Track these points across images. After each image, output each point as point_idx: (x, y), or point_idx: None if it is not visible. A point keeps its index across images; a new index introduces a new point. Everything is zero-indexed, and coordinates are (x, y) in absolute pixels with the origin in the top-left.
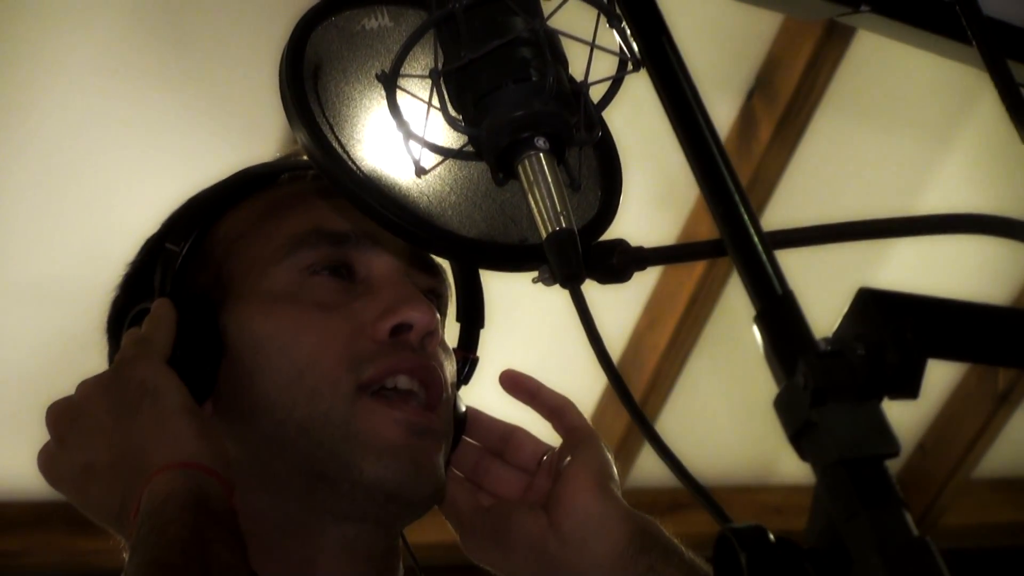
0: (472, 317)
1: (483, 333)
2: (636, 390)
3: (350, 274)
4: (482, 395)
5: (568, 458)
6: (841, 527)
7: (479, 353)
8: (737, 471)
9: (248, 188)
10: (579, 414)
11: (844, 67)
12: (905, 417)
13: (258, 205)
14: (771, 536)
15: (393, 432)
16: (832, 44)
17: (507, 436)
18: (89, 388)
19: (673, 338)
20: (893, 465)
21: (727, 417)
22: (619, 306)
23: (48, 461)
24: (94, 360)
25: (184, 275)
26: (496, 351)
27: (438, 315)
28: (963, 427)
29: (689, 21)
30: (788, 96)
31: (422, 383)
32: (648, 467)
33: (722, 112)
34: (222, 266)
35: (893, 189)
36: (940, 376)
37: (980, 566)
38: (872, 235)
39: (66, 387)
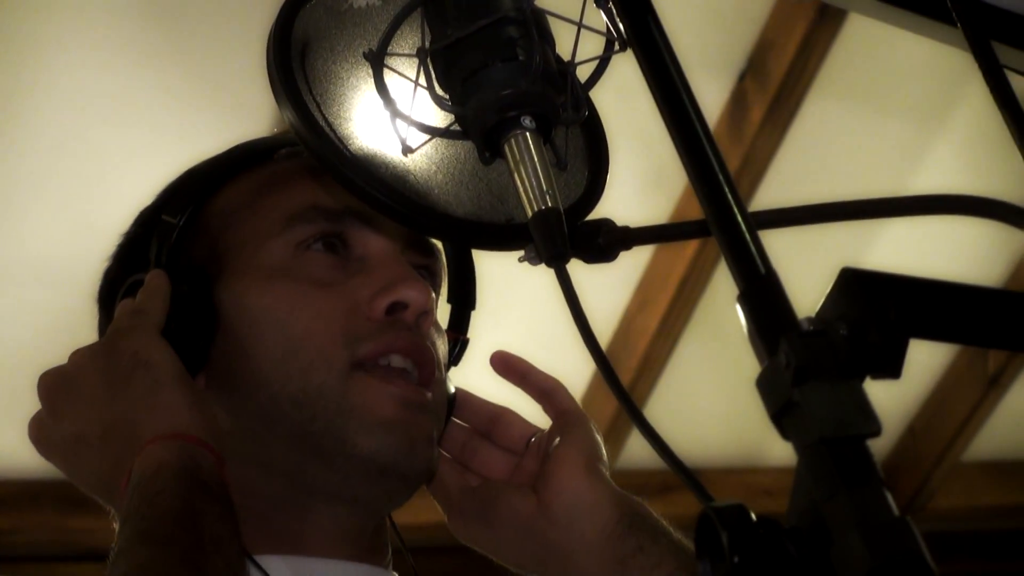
0: (463, 299)
1: (474, 315)
2: (626, 372)
3: (346, 250)
4: (472, 376)
5: (557, 439)
6: (822, 506)
7: (469, 334)
8: (727, 453)
9: (246, 162)
10: (569, 396)
11: (836, 49)
12: (895, 399)
13: (255, 180)
14: (752, 515)
15: (388, 407)
16: (824, 26)
17: (495, 417)
18: (82, 358)
19: (664, 320)
20: (883, 447)
21: (717, 399)
22: (610, 288)
23: (39, 430)
24: (87, 338)
25: (179, 247)
26: (486, 332)
27: (433, 294)
28: (953, 410)
29: (682, 2)
30: (780, 78)
31: (416, 362)
32: (639, 449)
33: (714, 93)
34: (218, 239)
35: (885, 171)
36: (930, 359)
37: (969, 548)
38: (857, 216)
39: (56, 364)
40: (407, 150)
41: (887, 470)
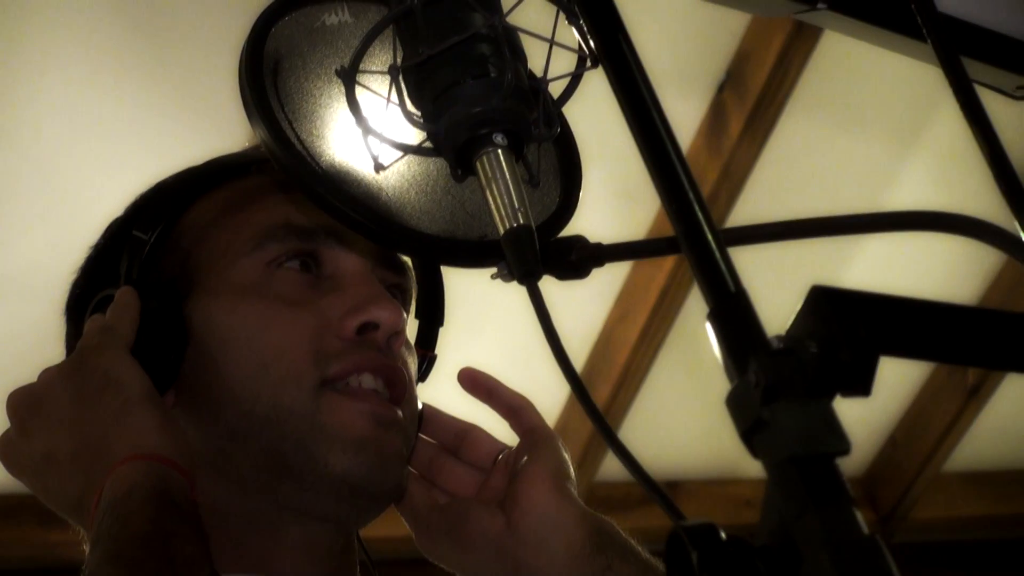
0: (432, 315)
1: (447, 331)
2: (606, 384)
3: (317, 268)
4: (441, 393)
5: (525, 457)
6: (791, 525)
7: (438, 351)
8: (708, 464)
9: (218, 177)
10: (537, 414)
11: (814, 63)
12: (876, 411)
13: (227, 195)
14: (722, 534)
15: (359, 424)
16: (802, 40)
17: (463, 434)
18: (51, 376)
19: (643, 332)
20: (864, 458)
21: (698, 410)
22: (590, 300)
23: (8, 449)
24: (59, 351)
25: (150, 263)
26: (461, 350)
27: (404, 314)
28: (934, 421)
29: (660, 15)
30: (758, 91)
31: (387, 382)
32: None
33: (693, 105)
34: (189, 255)
35: (862, 186)
36: (910, 370)
37: (950, 559)
38: (828, 232)
39: (34, 379)
40: (379, 167)
41: (868, 481)
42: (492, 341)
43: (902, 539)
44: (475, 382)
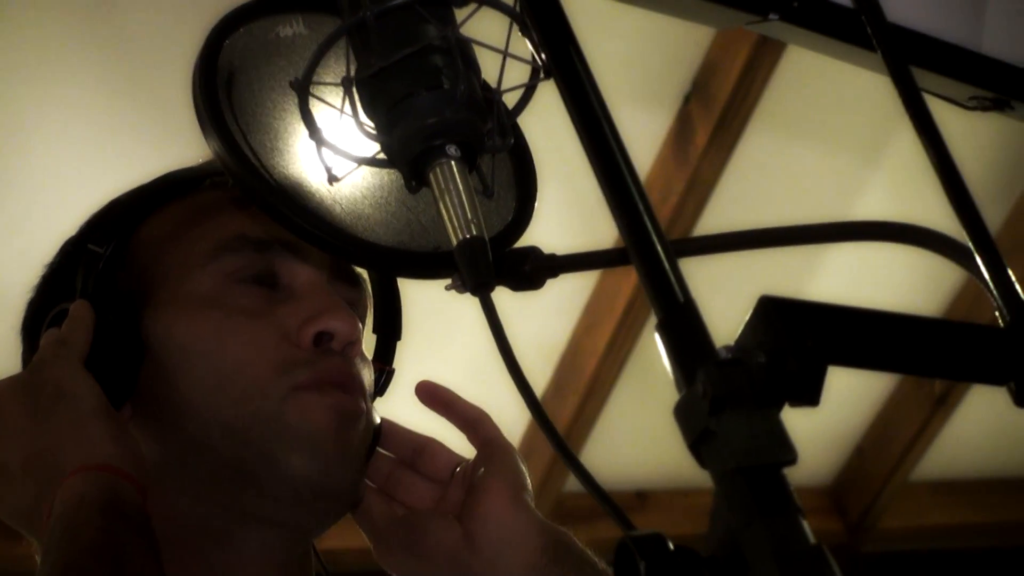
0: (389, 328)
1: (408, 346)
2: (575, 394)
3: (273, 281)
4: (399, 408)
5: (482, 469)
6: (739, 535)
7: (399, 366)
8: (677, 474)
9: (172, 192)
10: (494, 426)
11: (779, 75)
12: (843, 420)
13: (182, 209)
14: (670, 544)
15: (324, 418)
16: (766, 51)
17: (421, 447)
18: (3, 388)
19: (611, 343)
20: (831, 467)
21: (667, 421)
22: (557, 311)
23: None
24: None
25: (105, 277)
26: (425, 364)
27: (360, 325)
28: (901, 430)
29: (626, 27)
30: (724, 101)
31: (344, 391)
32: (591, 469)
33: (659, 116)
34: (144, 269)
35: (828, 197)
36: (877, 380)
37: (917, 568)
38: (784, 242)
39: None
40: (333, 179)
41: (835, 490)
42: (456, 356)
43: (871, 548)
44: (432, 395)
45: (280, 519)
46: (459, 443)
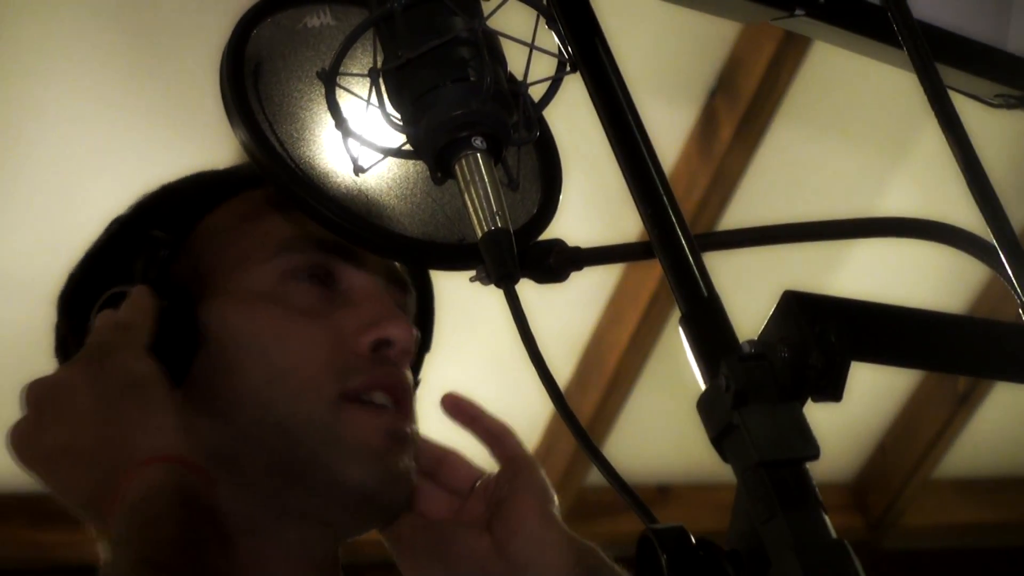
0: (422, 341)
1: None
2: (597, 388)
3: (332, 283)
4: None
5: (509, 484)
6: (760, 529)
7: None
8: (699, 469)
9: (236, 186)
10: (519, 441)
11: (805, 70)
12: (865, 416)
13: (245, 203)
14: (692, 537)
15: (377, 439)
16: (792, 47)
17: (441, 458)
18: (73, 370)
19: (634, 335)
20: (854, 465)
21: (689, 415)
22: (581, 304)
23: (21, 438)
24: (49, 352)
25: (167, 264)
26: (441, 368)
27: (415, 333)
28: (923, 427)
29: (653, 22)
30: (749, 97)
31: (395, 400)
32: (613, 463)
33: (685, 111)
34: (201, 259)
35: (853, 193)
36: (900, 376)
37: (939, 566)
38: (805, 238)
39: (20, 379)
40: (359, 170)
41: (857, 486)
42: (479, 349)
43: (892, 545)
44: (458, 408)
45: (326, 519)
46: (464, 445)
